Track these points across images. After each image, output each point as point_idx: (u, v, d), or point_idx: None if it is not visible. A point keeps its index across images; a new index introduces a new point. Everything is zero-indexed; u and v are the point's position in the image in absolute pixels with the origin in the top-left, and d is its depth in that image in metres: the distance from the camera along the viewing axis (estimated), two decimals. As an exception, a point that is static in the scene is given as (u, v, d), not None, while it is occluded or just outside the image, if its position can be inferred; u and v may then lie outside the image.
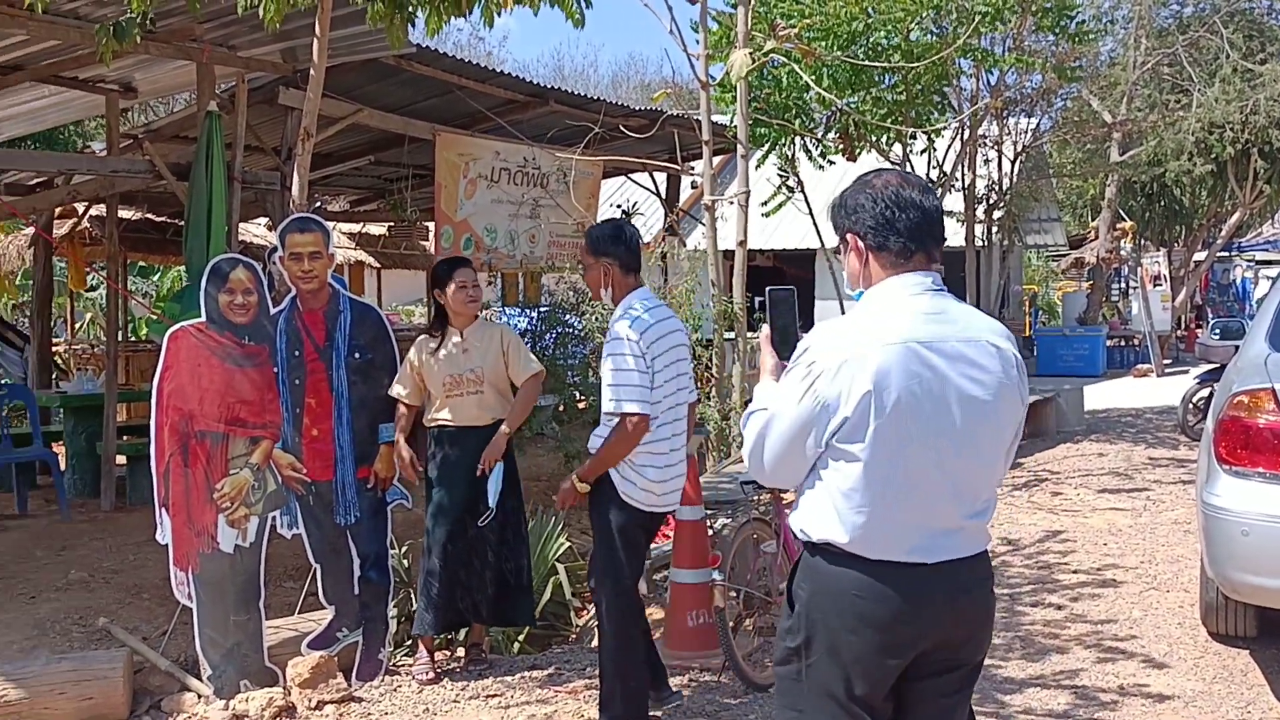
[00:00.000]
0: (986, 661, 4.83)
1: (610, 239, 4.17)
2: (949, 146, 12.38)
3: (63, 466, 8.80)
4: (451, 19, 5.34)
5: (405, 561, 5.98)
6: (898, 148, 10.97)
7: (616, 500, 4.07)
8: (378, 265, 16.31)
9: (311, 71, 5.26)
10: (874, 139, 10.30)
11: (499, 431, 4.78)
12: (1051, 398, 11.32)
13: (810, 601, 2.36)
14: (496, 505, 4.78)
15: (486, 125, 9.87)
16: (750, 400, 2.53)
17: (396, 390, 4.91)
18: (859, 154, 10.41)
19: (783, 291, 2.62)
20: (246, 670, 4.64)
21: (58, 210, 10.95)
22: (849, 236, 2.41)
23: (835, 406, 2.25)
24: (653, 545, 6.64)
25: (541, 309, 10.50)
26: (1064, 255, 24.96)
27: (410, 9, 5.17)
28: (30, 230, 11.50)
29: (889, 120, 9.60)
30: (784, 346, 2.55)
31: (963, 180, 13.26)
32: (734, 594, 4.80)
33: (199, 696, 4.61)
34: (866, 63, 8.81)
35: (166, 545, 4.57)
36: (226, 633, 4.62)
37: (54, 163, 9.35)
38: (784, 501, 4.77)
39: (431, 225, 10.71)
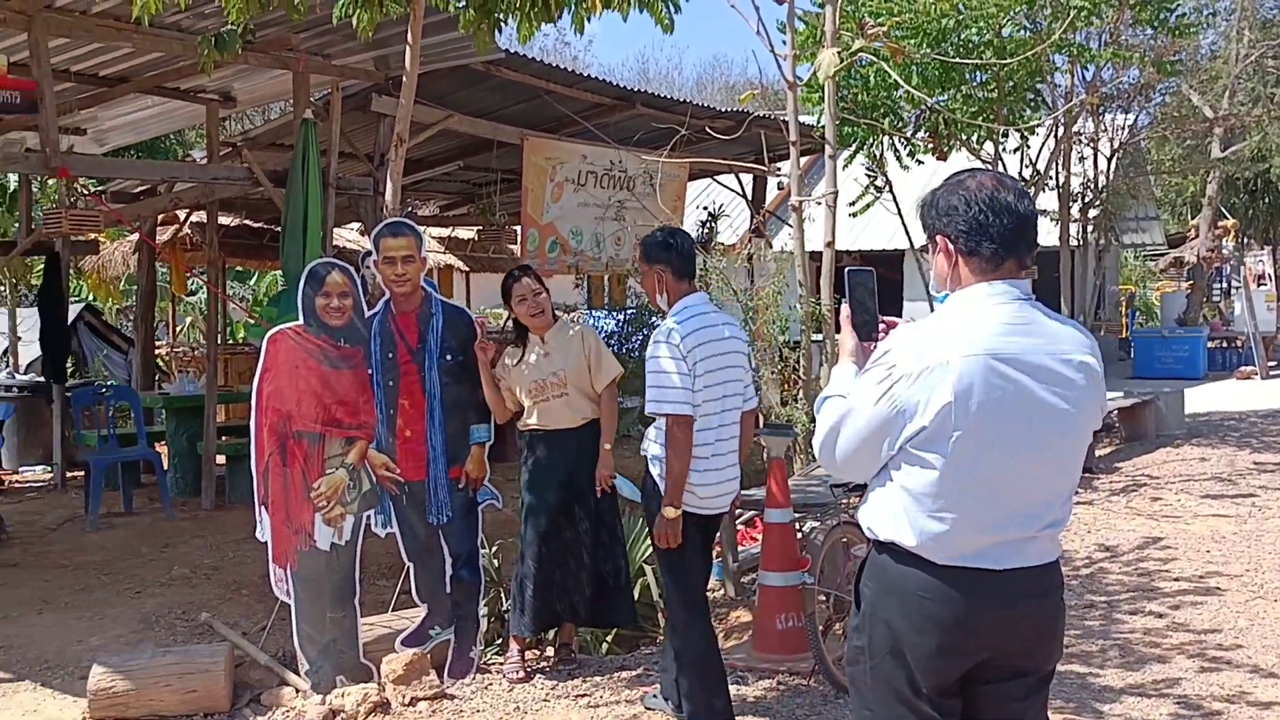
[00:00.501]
0: (1082, 669, 4.75)
1: (662, 247, 4.26)
2: (1043, 144, 12.12)
3: (165, 466, 9.08)
4: (541, 25, 5.40)
5: (496, 561, 6.05)
6: (989, 146, 10.77)
7: (660, 502, 4.14)
8: (466, 269, 16.52)
9: (404, 79, 5.35)
10: (964, 137, 10.13)
11: (603, 449, 4.81)
12: (1150, 400, 11.00)
13: (876, 600, 2.36)
14: (593, 506, 4.84)
15: (573, 129, 9.94)
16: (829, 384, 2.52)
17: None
18: (949, 153, 10.24)
19: (862, 271, 2.60)
20: (342, 666, 4.73)
21: (160, 217, 11.29)
22: (939, 238, 2.37)
23: (913, 413, 2.24)
24: (740, 547, 6.66)
25: (628, 311, 10.54)
26: (1162, 254, 24.27)
27: (500, 15, 5.23)
28: (135, 237, 11.89)
29: (980, 118, 9.44)
30: (864, 327, 2.54)
31: (1057, 179, 12.97)
32: (824, 597, 4.76)
33: (297, 691, 4.71)
34: (957, 60, 8.67)
35: (266, 543, 4.69)
36: (323, 629, 4.71)
37: (158, 171, 9.65)
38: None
39: (519, 229, 10.81)
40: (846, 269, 2.65)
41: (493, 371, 4.95)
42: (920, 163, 10.81)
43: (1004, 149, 11.24)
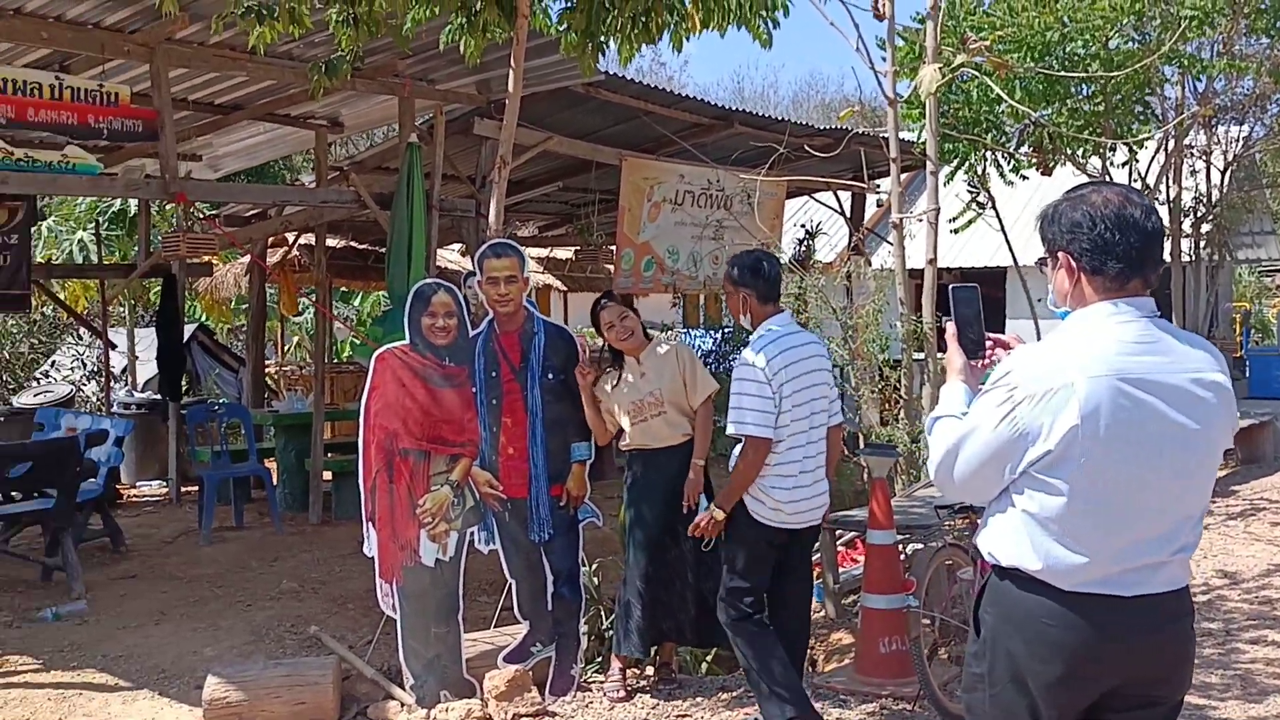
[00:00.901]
0: (1200, 701, 4.58)
1: (750, 271, 4.40)
2: (1152, 158, 11.80)
3: (274, 481, 9.32)
4: (641, 46, 5.45)
5: (596, 579, 6.07)
6: (1095, 160, 10.53)
7: (746, 517, 4.30)
8: (564, 289, 16.68)
9: (507, 102, 5.43)
10: (1070, 151, 9.92)
11: (693, 466, 4.80)
12: (1268, 421, 10.60)
13: (997, 627, 2.30)
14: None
15: (671, 149, 9.99)
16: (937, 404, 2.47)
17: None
18: (1054, 168, 10.03)
19: (967, 289, 2.55)
20: (446, 681, 4.80)
21: (270, 239, 11.65)
22: (1060, 254, 2.30)
23: (1036, 436, 2.18)
24: (841, 569, 6.58)
25: (724, 329, 10.52)
26: (1279, 270, 23.39)
27: (602, 38, 5.30)
28: (246, 259, 12.28)
29: (1086, 132, 9.23)
30: (971, 345, 2.49)
31: (1167, 193, 12.60)
32: (928, 621, 4.68)
33: (402, 705, 4.79)
34: (1062, 73, 8.50)
35: (372, 558, 4.78)
36: (428, 644, 4.78)
37: (270, 195, 9.97)
38: (981, 527, 4.62)
39: (615, 248, 10.90)
40: (951, 286, 2.61)
41: (594, 394, 4.99)
42: (1024, 178, 10.62)
43: (1112, 163, 10.98)
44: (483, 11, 5.04)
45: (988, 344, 2.52)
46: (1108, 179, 10.01)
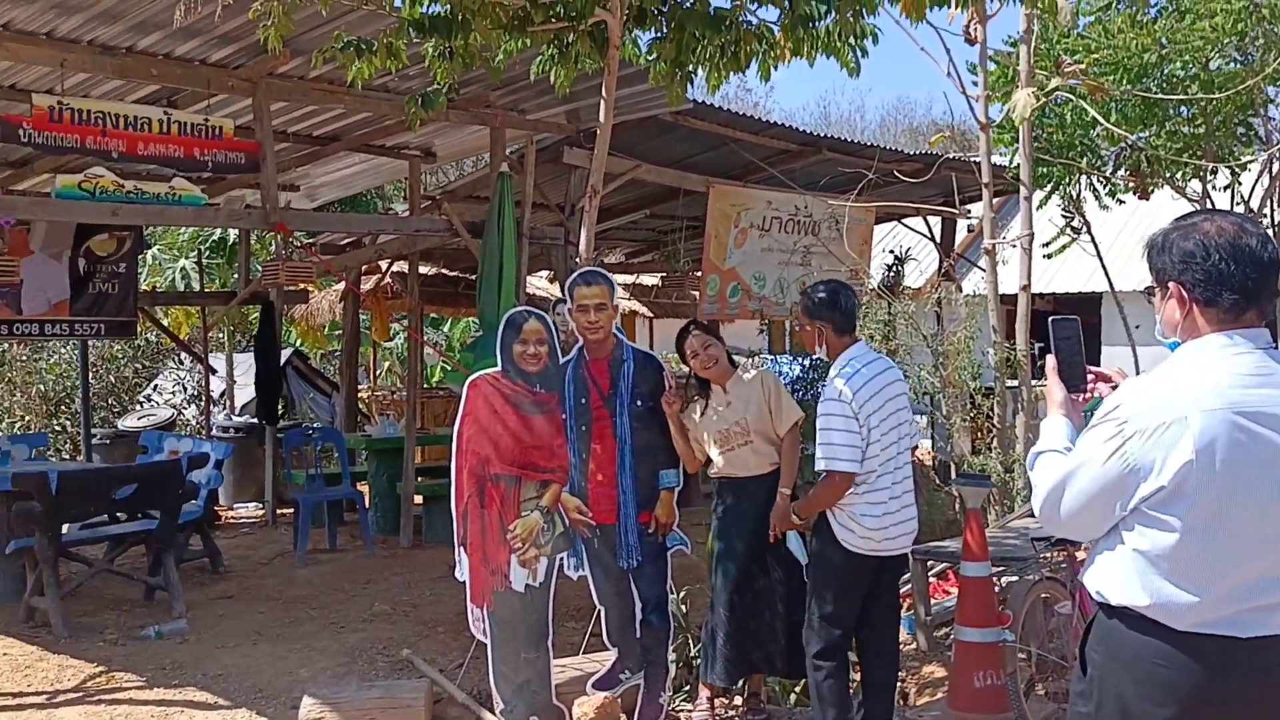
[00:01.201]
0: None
1: (827, 305, 4.40)
2: (1255, 181, 11.46)
3: (366, 505, 9.49)
4: (729, 75, 5.48)
5: (684, 607, 6.05)
6: (1195, 184, 10.25)
7: (835, 545, 4.31)
8: (650, 315, 16.72)
9: (598, 132, 5.49)
10: (1169, 175, 9.68)
11: (780, 494, 4.78)
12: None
13: (1105, 666, 2.23)
14: (786, 554, 4.81)
15: (759, 175, 10.00)
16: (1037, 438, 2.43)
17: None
18: (1152, 192, 9.80)
19: (1067, 321, 2.51)
20: (535, 706, 4.82)
21: (363, 267, 11.92)
22: (1171, 284, 2.24)
23: (1148, 472, 2.12)
24: (933, 600, 6.47)
25: (813, 357, 10.45)
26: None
27: (690, 67, 5.34)
28: (340, 285, 12.56)
29: (1186, 155, 9.00)
30: (1072, 378, 2.45)
31: (1272, 217, 12.21)
32: (1025, 656, 4.57)
33: (491, 728, 4.82)
34: (1160, 96, 8.31)
35: (464, 582, 4.83)
36: (518, 669, 4.82)
37: (366, 224, 10.21)
38: (1079, 560, 4.52)
39: (700, 274, 10.93)
40: (1051, 319, 2.56)
41: (681, 421, 5.00)
42: (1121, 202, 10.38)
43: (1213, 186, 10.68)
44: (575, 43, 5.11)
45: (1089, 377, 2.47)
46: (1209, 203, 9.76)
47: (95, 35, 6.17)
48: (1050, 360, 2.48)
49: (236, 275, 12.04)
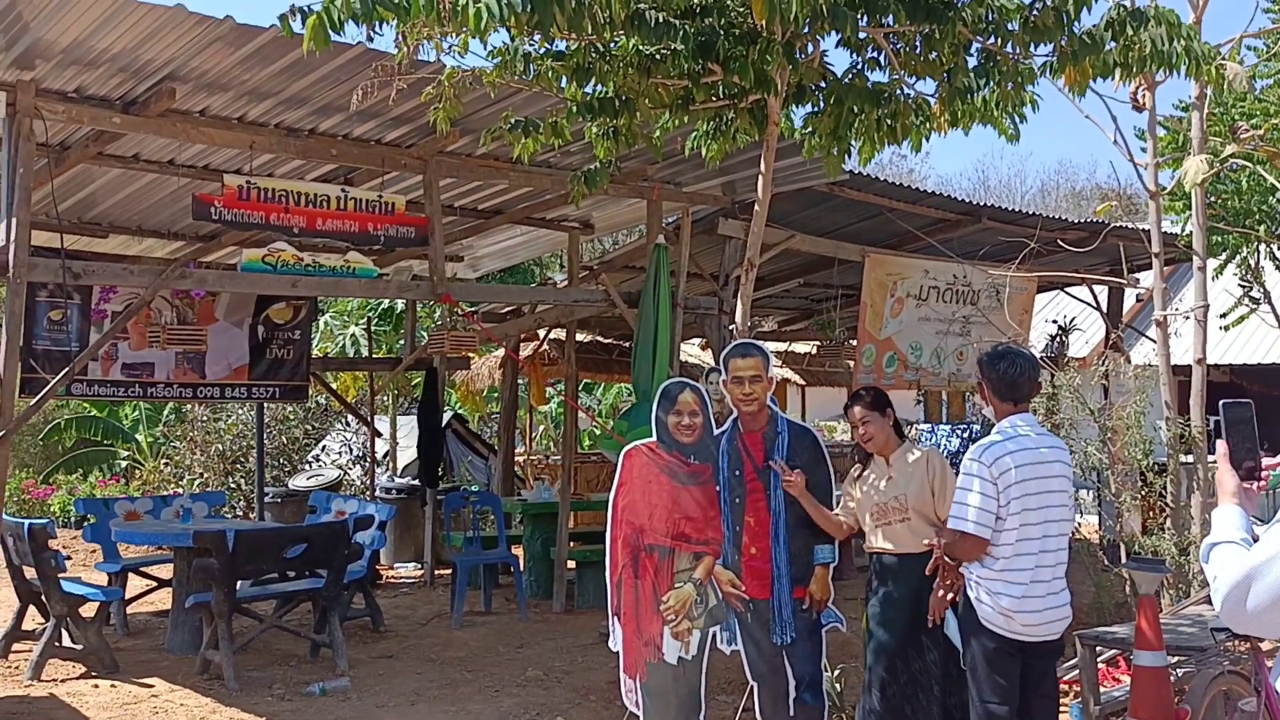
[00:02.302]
0: None
1: (988, 364, 4.32)
2: None
3: (521, 568, 9.63)
4: (885, 146, 5.48)
5: (838, 685, 5.93)
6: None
7: (978, 624, 4.19)
8: (803, 383, 16.61)
9: (756, 206, 5.55)
10: (1356, 242, 9.16)
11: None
12: None
13: None
14: (942, 636, 4.68)
15: (916, 244, 9.89)
16: (1210, 528, 2.31)
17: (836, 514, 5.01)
18: (1338, 260, 9.29)
19: (1240, 405, 2.40)
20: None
21: (522, 334, 12.23)
22: None
23: None
24: (1101, 688, 6.16)
25: (972, 428, 10.19)
26: None
27: (847, 139, 5.36)
28: (500, 352, 12.91)
29: (1375, 221, 8.52)
30: (1245, 466, 2.34)
31: None
32: (1204, 753, 4.31)
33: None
34: (1346, 160, 7.90)
35: (617, 652, 4.85)
36: (672, 740, 4.79)
37: (527, 295, 10.51)
38: (1264, 652, 4.25)
39: (856, 344, 10.83)
40: (1221, 402, 2.46)
41: (811, 499, 4.99)
42: (1305, 270, 9.86)
43: (1406, 254, 10.06)
44: (734, 121, 5.20)
45: (1265, 463, 2.36)
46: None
47: (282, 119, 6.58)
48: (1221, 446, 2.38)
49: (403, 341, 12.51)
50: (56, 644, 7.19)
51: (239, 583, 7.25)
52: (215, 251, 9.66)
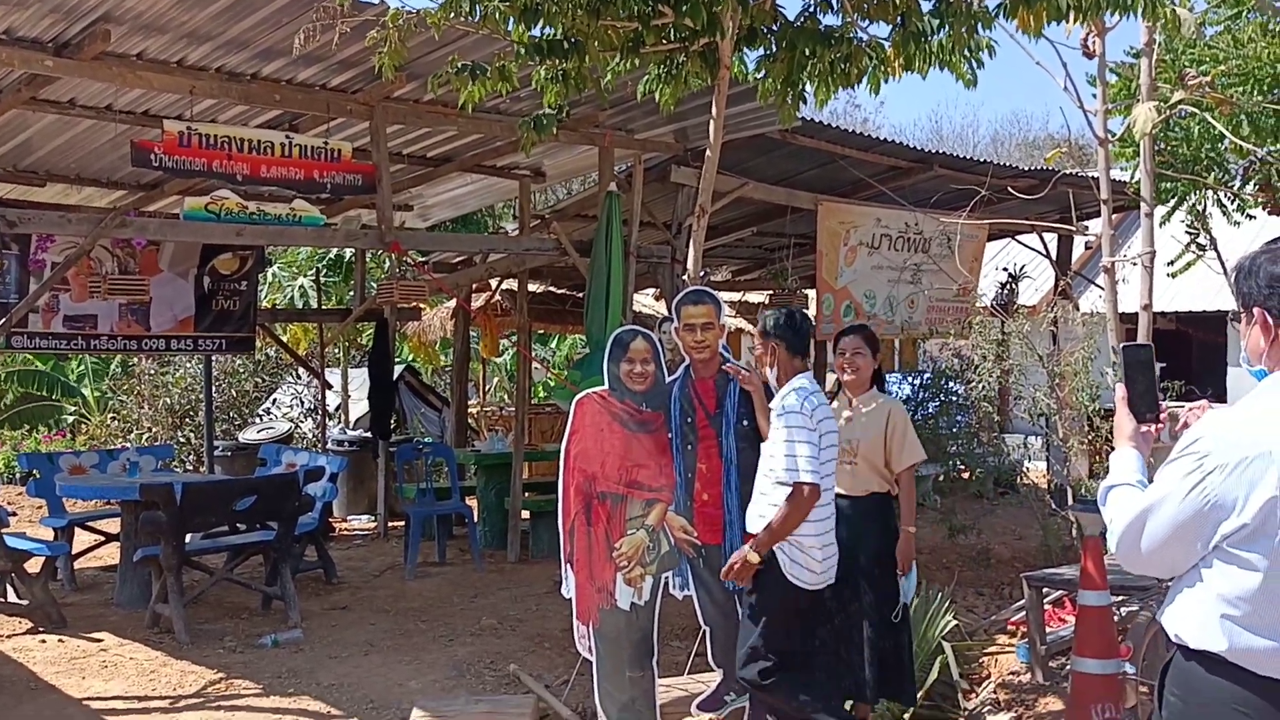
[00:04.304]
0: None
1: (784, 325, 4.47)
2: (1395, 193, 10.91)
3: (475, 519, 9.61)
4: (839, 90, 5.43)
5: (789, 629, 5.98)
6: (1330, 198, 9.79)
7: (779, 579, 4.24)
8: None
9: (707, 151, 5.50)
10: (1301, 189, 9.27)
11: (904, 533, 4.81)
12: None
13: (1184, 712, 2.15)
14: (877, 578, 4.75)
15: (868, 192, 9.88)
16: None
17: None
18: (1284, 206, 9.40)
19: (1139, 348, 2.44)
20: (640, 725, 4.82)
21: (473, 285, 12.12)
22: (1256, 310, 2.16)
23: (1230, 508, 2.04)
24: (1048, 629, 6.28)
25: (924, 375, 10.28)
26: None
27: (801, 85, 5.31)
28: (451, 303, 12.79)
29: (1320, 168, 8.61)
30: (1144, 409, 2.36)
31: None
32: (1146, 689, 4.40)
33: (597, 746, 4.83)
34: (1293, 107, 7.97)
35: (570, 599, 4.86)
36: (623, 687, 4.82)
37: (477, 244, 10.38)
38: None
39: (810, 293, 10.83)
40: (1121, 345, 2.49)
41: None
42: (1250, 217, 9.98)
43: (1350, 201, 10.20)
44: (685, 64, 5.13)
45: (1161, 407, 2.39)
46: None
47: (223, 63, 6.40)
48: (1119, 389, 2.41)
49: (352, 293, 12.36)
50: (1, 599, 7.09)
51: (188, 536, 7.17)
52: (158, 201, 9.44)
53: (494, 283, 12.15)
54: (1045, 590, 6.27)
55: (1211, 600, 2.11)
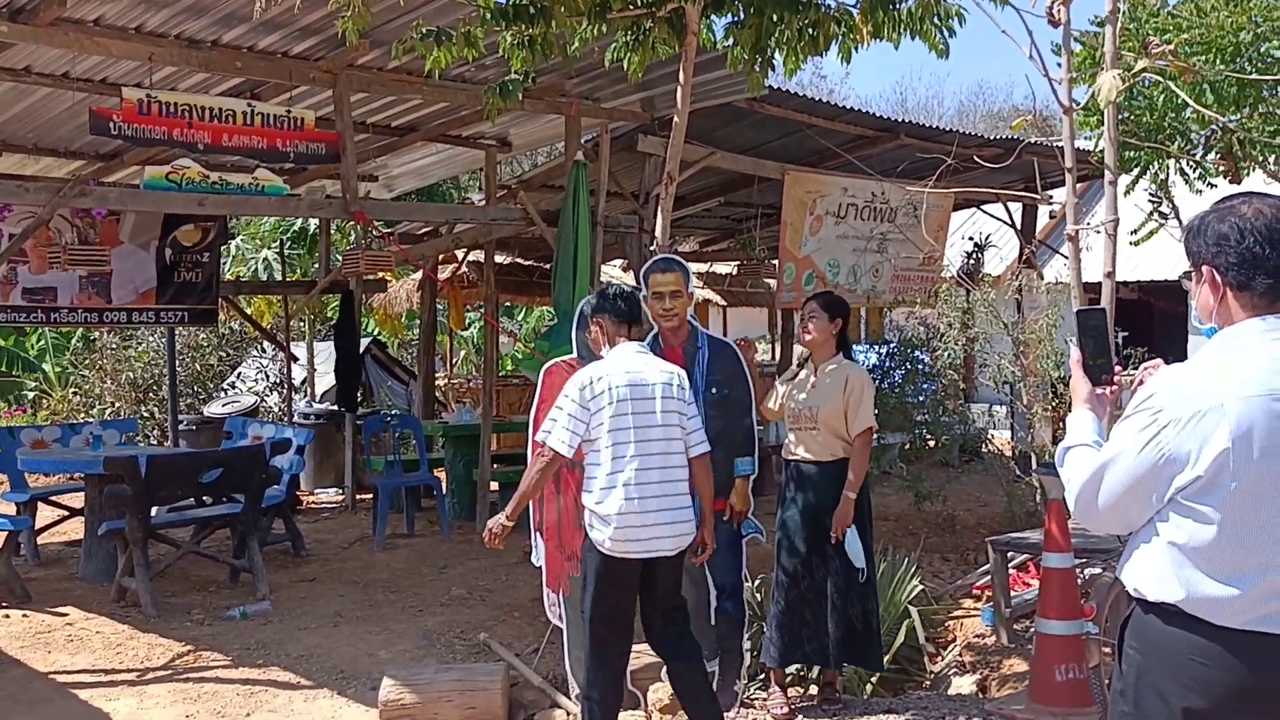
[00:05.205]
0: None
1: (601, 298, 4.47)
2: (1353, 163, 11.05)
3: (443, 491, 9.60)
4: (808, 59, 5.42)
5: (759, 595, 6.03)
6: (1290, 167, 9.90)
7: (589, 544, 4.22)
8: (724, 303, 16.68)
9: (675, 118, 5.48)
10: (1262, 158, 9.37)
11: (844, 498, 4.78)
12: None
13: (1143, 664, 2.18)
14: (845, 547, 4.79)
15: (835, 162, 9.89)
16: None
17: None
18: (1245, 175, 9.50)
19: (1093, 312, 2.48)
20: (610, 691, 4.83)
21: (440, 256, 12.04)
22: (1205, 269, 2.20)
23: (1184, 461, 2.07)
24: (1013, 592, 6.36)
25: (889, 344, 10.34)
26: None
27: (769, 52, 5.29)
28: (418, 275, 12.72)
29: (1280, 137, 8.70)
30: (1097, 372, 2.41)
31: (1370, 200, 11.77)
32: (1109, 649, 4.47)
33: (567, 713, 4.86)
34: (1255, 76, 8.04)
35: (540, 567, 4.87)
36: (593, 654, 4.83)
37: (443, 213, 10.31)
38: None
39: (777, 263, 10.85)
40: (1076, 310, 2.54)
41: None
42: (1213, 186, 10.08)
43: (1310, 169, 10.32)
44: (652, 30, 5.10)
45: (1116, 369, 2.42)
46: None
47: (182, 29, 6.29)
48: (1075, 352, 2.45)
49: (317, 265, 12.25)
50: (-36, 576, 7.02)
51: (154, 509, 7.12)
52: (118, 171, 9.28)
53: (460, 254, 12.07)
54: (1010, 554, 6.36)
55: (1168, 553, 2.14)
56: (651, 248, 6.15)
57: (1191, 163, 9.60)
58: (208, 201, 6.61)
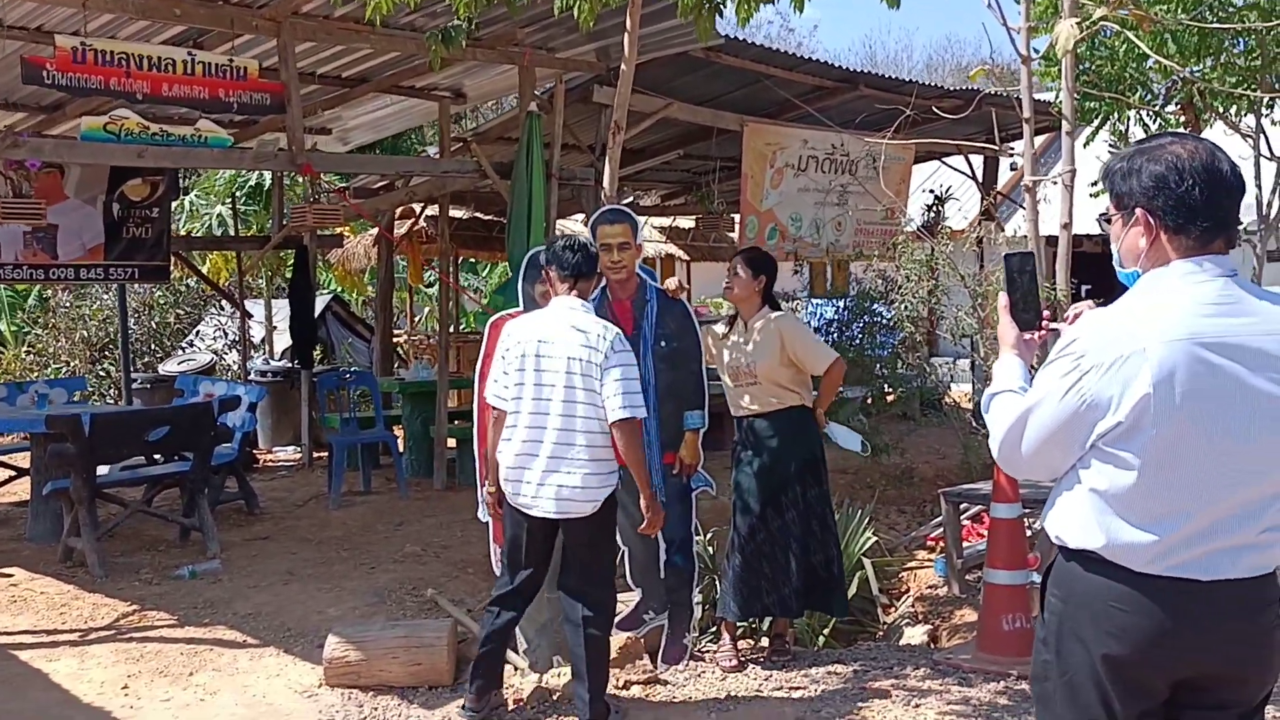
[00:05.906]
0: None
1: (563, 252, 4.40)
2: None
3: (401, 448, 9.51)
4: (760, 7, 5.30)
5: (710, 548, 6.02)
6: (1250, 118, 9.89)
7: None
8: (687, 258, 16.60)
9: (622, 66, 5.37)
10: (1222, 110, 9.34)
11: (816, 411, 4.97)
12: None
13: (1064, 611, 2.16)
14: (801, 495, 4.79)
15: (795, 113, 9.79)
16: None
17: None
18: (1206, 126, 9.47)
19: (1023, 255, 2.43)
20: (559, 646, 4.81)
21: (398, 211, 11.85)
22: (1139, 211, 2.12)
23: (1106, 407, 2.03)
24: (965, 543, 6.38)
25: (848, 299, 10.31)
26: None
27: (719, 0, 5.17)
28: (374, 231, 12.53)
29: (1241, 88, 8.67)
30: (1025, 317, 2.36)
31: (1329, 151, 11.80)
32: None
33: (515, 669, 4.82)
34: (1216, 25, 7.99)
35: (487, 523, 4.81)
36: (540, 608, 4.80)
37: (393, 165, 10.13)
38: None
39: (738, 216, 10.76)
40: (1005, 254, 2.48)
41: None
42: (1171, 138, 10.06)
43: (1270, 120, 10.32)
44: (598, -27, 4.96)
45: (1044, 315, 2.37)
46: (1264, 138, 9.44)
47: (117, -27, 6.10)
48: (1002, 297, 2.39)
49: (271, 221, 12.04)
50: (-95, 537, 6.88)
51: (103, 468, 7.00)
52: (61, 124, 9.05)
53: (418, 209, 11.90)
54: (963, 506, 6.37)
55: (1089, 500, 2.10)
56: (603, 199, 6.05)
57: (1152, 113, 9.57)
58: (147, 153, 6.44)
